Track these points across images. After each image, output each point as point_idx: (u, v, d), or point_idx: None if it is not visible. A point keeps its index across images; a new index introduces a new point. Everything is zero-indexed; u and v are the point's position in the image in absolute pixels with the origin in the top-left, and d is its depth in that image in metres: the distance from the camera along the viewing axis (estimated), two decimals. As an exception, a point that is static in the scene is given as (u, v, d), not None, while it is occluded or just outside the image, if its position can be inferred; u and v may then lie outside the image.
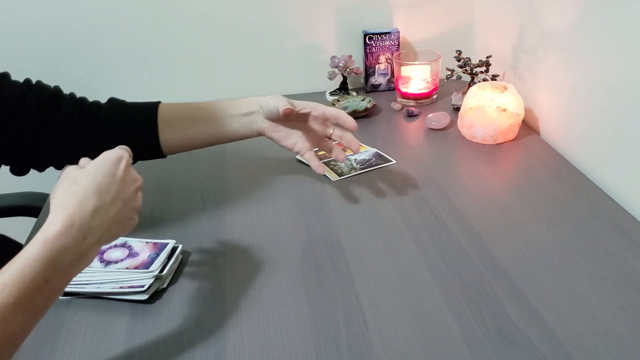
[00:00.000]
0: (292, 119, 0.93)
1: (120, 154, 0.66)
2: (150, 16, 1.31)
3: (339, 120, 0.93)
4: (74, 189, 0.61)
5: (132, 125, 0.91)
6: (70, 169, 0.64)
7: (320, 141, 0.98)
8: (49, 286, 0.57)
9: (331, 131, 0.97)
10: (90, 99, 0.94)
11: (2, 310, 0.53)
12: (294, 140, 0.96)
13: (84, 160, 0.66)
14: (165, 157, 0.95)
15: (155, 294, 0.78)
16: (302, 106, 0.93)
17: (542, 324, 0.70)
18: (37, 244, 0.56)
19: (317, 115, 0.94)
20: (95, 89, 1.35)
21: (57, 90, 0.91)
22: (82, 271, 0.79)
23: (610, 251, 0.82)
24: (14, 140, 0.85)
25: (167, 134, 0.92)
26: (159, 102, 0.94)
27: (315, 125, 0.96)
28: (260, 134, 0.96)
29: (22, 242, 0.93)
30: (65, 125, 0.88)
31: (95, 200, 0.61)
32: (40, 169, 0.91)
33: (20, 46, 1.29)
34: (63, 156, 0.90)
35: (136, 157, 0.94)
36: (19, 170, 0.90)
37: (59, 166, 0.92)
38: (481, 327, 0.70)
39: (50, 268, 0.56)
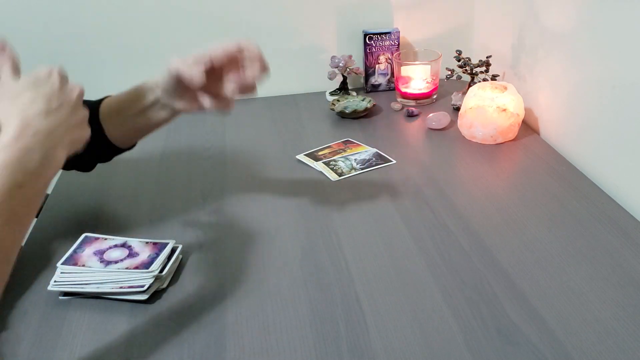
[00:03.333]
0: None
1: (48, 67, 0.67)
2: (150, 16, 1.31)
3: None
4: (18, 100, 0.62)
5: None
6: (3, 85, 0.65)
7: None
8: (24, 192, 0.57)
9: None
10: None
11: None
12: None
13: (5, 74, 0.66)
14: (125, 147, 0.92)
15: (155, 294, 0.78)
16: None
17: (542, 323, 0.70)
18: None
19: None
20: (95, 88, 1.35)
21: None
22: (82, 272, 0.79)
23: (610, 251, 0.82)
24: None
25: (110, 129, 0.88)
26: (103, 99, 0.89)
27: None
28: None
29: (22, 242, 0.93)
30: None
31: (43, 104, 0.62)
32: None
33: (19, 45, 1.29)
34: None
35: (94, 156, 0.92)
36: None
37: None
38: (481, 327, 0.70)
39: (18, 172, 0.56)
